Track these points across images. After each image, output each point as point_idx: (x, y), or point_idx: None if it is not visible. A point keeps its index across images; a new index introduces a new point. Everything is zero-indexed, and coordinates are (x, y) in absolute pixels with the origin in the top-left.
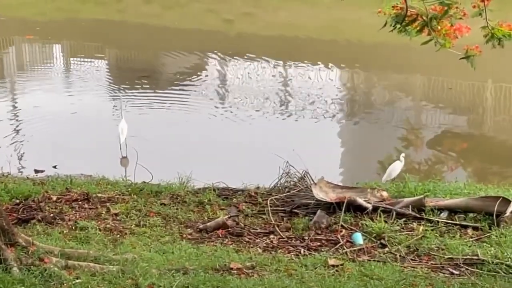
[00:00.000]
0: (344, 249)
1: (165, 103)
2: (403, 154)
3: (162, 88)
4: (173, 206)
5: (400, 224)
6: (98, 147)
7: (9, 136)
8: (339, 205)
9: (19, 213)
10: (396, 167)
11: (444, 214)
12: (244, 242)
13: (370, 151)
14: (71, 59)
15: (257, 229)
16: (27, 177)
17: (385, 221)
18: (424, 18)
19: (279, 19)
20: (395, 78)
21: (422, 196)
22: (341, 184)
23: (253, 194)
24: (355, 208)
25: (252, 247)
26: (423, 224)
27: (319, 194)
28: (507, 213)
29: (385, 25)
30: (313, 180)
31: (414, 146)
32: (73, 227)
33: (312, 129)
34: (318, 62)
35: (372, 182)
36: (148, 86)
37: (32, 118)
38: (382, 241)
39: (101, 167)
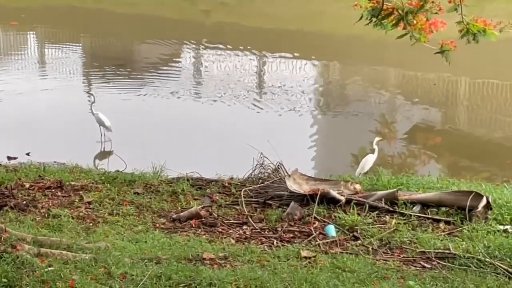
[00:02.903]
0: (316, 241)
1: (140, 91)
2: (377, 138)
3: (137, 76)
4: (147, 196)
5: (372, 217)
6: (71, 135)
7: None
8: (312, 197)
9: None
10: (369, 160)
11: (416, 208)
12: (217, 233)
13: (344, 144)
14: (46, 46)
15: (230, 220)
16: (0, 164)
17: (358, 214)
18: (400, 12)
19: (256, 10)
20: (370, 71)
21: (395, 189)
22: (315, 176)
23: (227, 184)
24: (328, 201)
25: (225, 238)
26: (395, 218)
27: (293, 186)
28: (479, 208)
29: (361, 18)
30: (287, 172)
31: (387, 140)
32: (46, 215)
33: (286, 120)
34: (294, 54)
35: (345, 174)
36: (123, 74)
37: (4, 105)
38: (355, 233)
39: (74, 155)
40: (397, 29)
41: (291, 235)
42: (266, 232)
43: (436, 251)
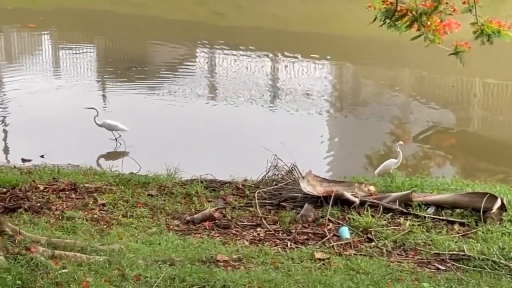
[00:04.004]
0: (330, 243)
1: (154, 94)
2: (400, 143)
3: (151, 78)
4: (161, 198)
5: (387, 219)
6: (85, 137)
7: None
8: (326, 199)
9: (6, 202)
10: (390, 165)
11: (431, 210)
12: (231, 235)
13: (358, 145)
14: (60, 48)
15: (244, 222)
16: (14, 166)
17: (372, 216)
18: (414, 13)
19: (270, 12)
20: (384, 72)
21: (409, 191)
22: (329, 178)
23: (240, 186)
24: (342, 202)
25: (239, 240)
26: (410, 219)
27: (307, 187)
28: (494, 210)
29: (374, 19)
30: (301, 174)
31: (401, 141)
32: (60, 217)
33: (300, 122)
34: (308, 56)
35: (359, 176)
36: (136, 76)
37: (19, 107)
38: (369, 235)
39: (88, 157)
40: (411, 31)
41: (305, 237)
42: (280, 234)
43: (451, 253)
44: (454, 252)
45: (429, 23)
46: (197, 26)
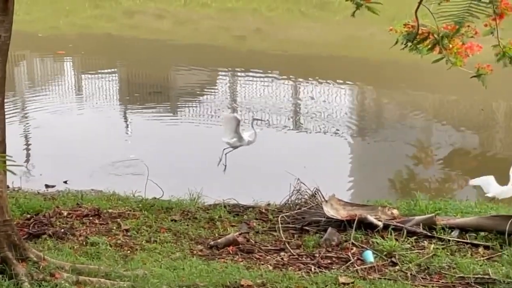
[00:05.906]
0: (354, 267)
1: (176, 119)
2: None
3: (173, 103)
4: (184, 222)
5: (411, 242)
6: (107, 163)
7: (20, 151)
8: (350, 223)
9: (30, 228)
10: (504, 192)
11: (455, 233)
12: (255, 259)
13: (380, 169)
14: (82, 74)
15: (267, 246)
16: (38, 192)
17: (396, 239)
18: (436, 36)
19: (290, 36)
20: (406, 95)
21: (433, 214)
22: (352, 202)
23: (264, 211)
24: (366, 226)
25: (262, 264)
26: (434, 243)
27: (330, 211)
28: None
29: (396, 43)
30: (324, 198)
31: (424, 164)
32: (84, 243)
33: (323, 146)
34: (330, 79)
35: (382, 199)
36: (158, 100)
37: (41, 133)
38: (393, 259)
39: (111, 183)
40: (432, 53)
41: (329, 261)
42: (303, 258)
43: (476, 276)
44: (479, 276)
45: (450, 46)
46: (218, 51)
